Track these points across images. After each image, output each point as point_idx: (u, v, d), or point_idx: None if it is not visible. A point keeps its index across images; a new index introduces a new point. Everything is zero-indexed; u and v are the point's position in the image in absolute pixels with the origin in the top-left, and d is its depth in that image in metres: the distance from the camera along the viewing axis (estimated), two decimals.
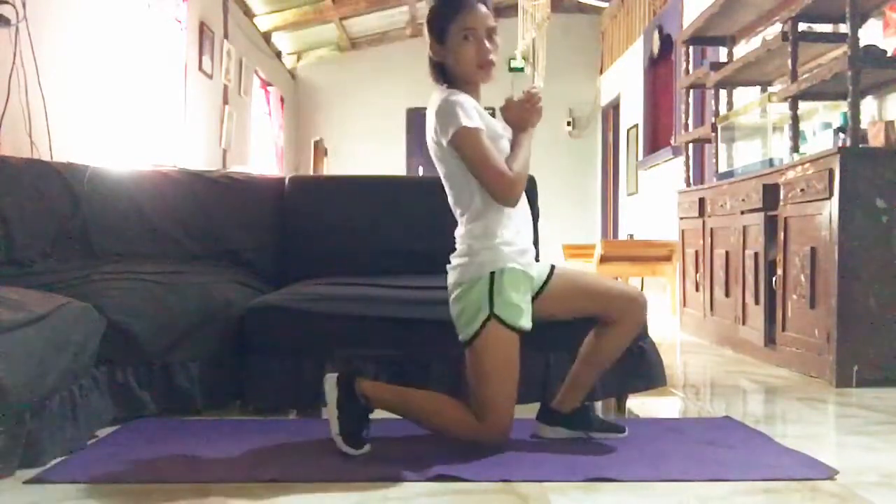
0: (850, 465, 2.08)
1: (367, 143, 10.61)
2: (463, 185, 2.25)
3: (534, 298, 2.30)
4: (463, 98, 2.22)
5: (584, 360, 2.35)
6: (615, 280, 2.28)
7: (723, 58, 5.44)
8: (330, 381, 2.22)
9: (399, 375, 2.66)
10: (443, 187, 2.36)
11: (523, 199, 2.32)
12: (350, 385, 2.21)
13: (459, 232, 2.31)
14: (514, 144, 2.29)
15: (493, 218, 2.23)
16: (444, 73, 2.30)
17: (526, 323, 2.23)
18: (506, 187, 2.18)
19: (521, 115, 2.34)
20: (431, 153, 2.30)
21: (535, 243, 3.62)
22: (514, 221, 2.27)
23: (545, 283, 2.34)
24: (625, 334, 2.32)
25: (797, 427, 2.63)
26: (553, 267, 2.38)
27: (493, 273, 2.19)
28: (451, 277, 2.28)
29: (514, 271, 2.21)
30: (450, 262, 2.30)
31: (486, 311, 2.17)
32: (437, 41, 2.27)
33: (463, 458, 2.10)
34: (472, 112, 2.20)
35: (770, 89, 4.73)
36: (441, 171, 2.30)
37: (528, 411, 2.72)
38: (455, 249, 2.31)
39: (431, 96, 2.29)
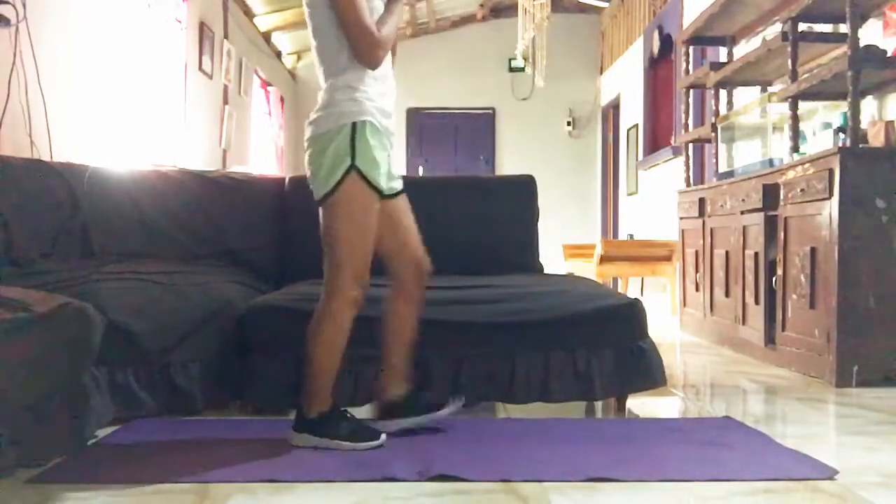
0: (850, 465, 2.08)
1: None
2: (330, 39, 2.24)
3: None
4: None
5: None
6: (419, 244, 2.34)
7: (723, 58, 5.44)
8: (302, 439, 2.26)
9: None
10: (442, 187, 2.37)
11: (389, 68, 2.34)
12: (308, 418, 2.26)
13: (322, 88, 2.29)
14: (387, 10, 2.30)
15: (358, 75, 2.23)
16: None
17: (384, 184, 2.26)
18: (370, 45, 2.20)
19: None
20: (304, 4, 2.29)
21: (535, 242, 3.65)
22: (380, 82, 2.28)
23: (392, 195, 2.36)
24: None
25: (797, 427, 2.63)
26: (402, 191, 2.38)
27: (354, 123, 2.19)
28: (309, 131, 2.26)
29: (375, 127, 2.22)
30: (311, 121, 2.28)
31: (347, 162, 2.18)
32: None
33: (463, 458, 2.10)
34: None
35: (770, 89, 4.73)
36: (310, 25, 2.29)
37: (529, 411, 2.73)
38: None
39: None
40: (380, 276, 2.97)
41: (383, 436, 2.26)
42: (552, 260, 5.62)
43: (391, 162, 2.35)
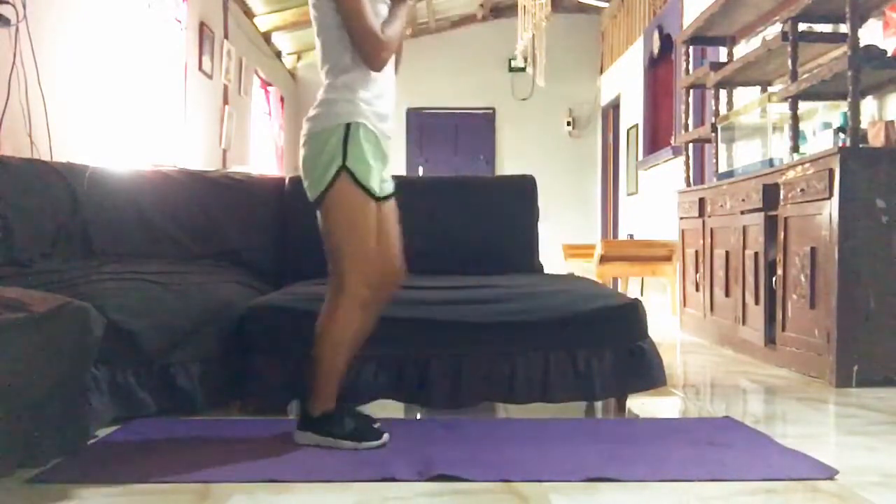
0: (850, 465, 2.08)
1: None
2: (335, 40, 2.25)
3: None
4: None
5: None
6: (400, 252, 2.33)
7: (723, 58, 5.44)
8: (305, 437, 2.27)
9: (399, 376, 2.67)
10: (442, 187, 2.37)
11: (391, 70, 2.35)
12: (312, 417, 2.27)
13: (322, 88, 2.30)
14: (392, 13, 2.31)
15: (358, 76, 2.24)
16: None
17: (376, 186, 2.25)
18: (375, 48, 2.21)
19: None
20: (310, 4, 2.30)
21: (535, 242, 3.65)
22: (379, 85, 2.28)
23: (383, 198, 2.34)
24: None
25: (797, 427, 2.63)
26: (394, 194, 2.35)
27: (348, 125, 2.20)
28: (305, 128, 2.27)
29: (369, 130, 2.23)
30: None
31: (338, 163, 2.19)
32: None
33: (463, 458, 2.10)
34: None
35: (770, 89, 4.73)
36: (315, 25, 2.30)
37: (529, 411, 2.73)
38: None
39: None
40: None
41: (386, 435, 2.27)
42: (552, 260, 5.62)
43: (387, 166, 2.35)
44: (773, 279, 3.83)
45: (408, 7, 2.36)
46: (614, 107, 9.84)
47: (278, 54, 9.73)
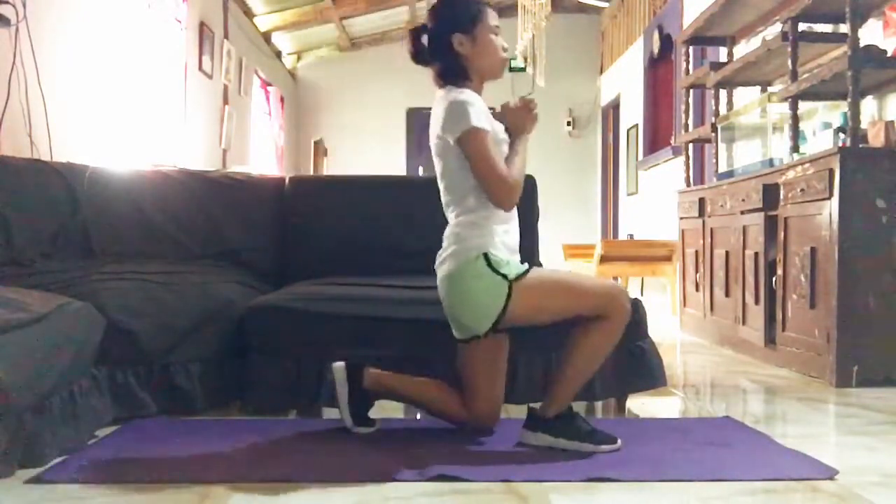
0: (850, 465, 2.08)
1: (367, 143, 10.61)
2: (459, 183, 2.27)
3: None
4: (474, 98, 2.28)
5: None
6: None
7: (723, 58, 5.44)
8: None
9: None
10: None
11: (514, 208, 2.36)
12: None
13: (449, 228, 2.32)
14: (513, 150, 2.34)
15: (485, 215, 2.26)
16: (455, 72, 2.33)
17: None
18: (506, 192, 2.23)
19: (518, 120, 2.39)
20: (433, 148, 2.32)
21: (536, 245, 3.65)
22: (505, 223, 2.30)
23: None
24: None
25: (797, 427, 2.63)
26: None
27: (486, 254, 2.21)
28: (442, 271, 2.27)
29: (503, 260, 2.23)
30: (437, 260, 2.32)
31: (502, 283, 2.17)
32: (466, 35, 2.31)
33: (463, 458, 2.10)
34: (481, 113, 2.25)
35: (770, 89, 4.73)
36: (438, 167, 2.32)
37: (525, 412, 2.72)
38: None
39: (438, 94, 2.33)
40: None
41: (619, 441, 2.22)
42: (552, 260, 5.61)
43: None
44: (773, 279, 3.83)
45: (527, 140, 2.39)
46: (614, 107, 9.85)
47: (278, 54, 9.74)
